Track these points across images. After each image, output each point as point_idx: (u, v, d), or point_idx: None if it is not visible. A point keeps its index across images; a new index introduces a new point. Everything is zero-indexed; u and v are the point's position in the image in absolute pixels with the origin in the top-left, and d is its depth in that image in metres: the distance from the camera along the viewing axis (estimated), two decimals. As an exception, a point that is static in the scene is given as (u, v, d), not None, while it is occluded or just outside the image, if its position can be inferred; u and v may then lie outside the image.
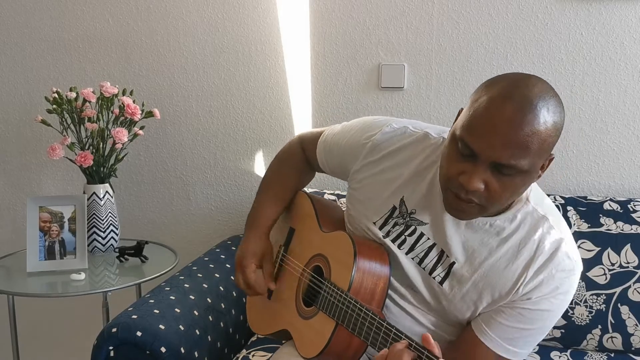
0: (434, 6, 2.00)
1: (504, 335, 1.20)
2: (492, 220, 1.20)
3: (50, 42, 2.26)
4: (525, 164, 1.07)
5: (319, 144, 1.46)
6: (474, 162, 1.09)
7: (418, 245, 1.27)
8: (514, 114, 1.05)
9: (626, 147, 1.96)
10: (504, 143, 1.06)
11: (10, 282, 1.96)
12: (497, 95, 1.08)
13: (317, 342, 1.27)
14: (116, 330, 1.46)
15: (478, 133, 1.08)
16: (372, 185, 1.33)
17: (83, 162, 1.95)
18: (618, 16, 1.90)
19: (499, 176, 1.09)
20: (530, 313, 1.19)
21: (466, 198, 1.12)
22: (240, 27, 2.14)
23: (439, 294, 1.25)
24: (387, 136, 1.33)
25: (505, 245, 1.20)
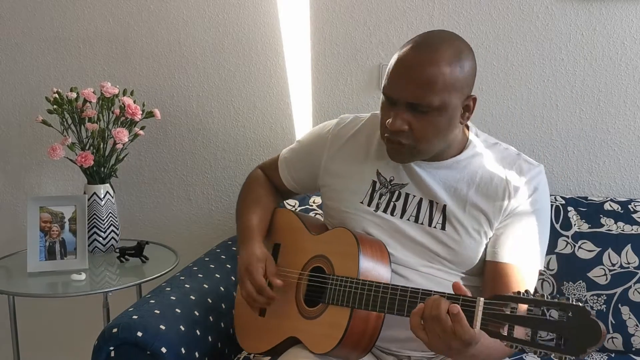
0: (434, 6, 2.00)
1: (516, 246, 1.32)
2: (456, 159, 1.36)
3: (50, 42, 2.26)
4: (435, 100, 1.23)
5: (280, 164, 1.59)
6: (394, 106, 1.27)
7: (408, 205, 1.37)
8: (415, 56, 1.24)
9: (627, 148, 1.96)
10: (410, 82, 1.23)
11: (11, 282, 1.96)
12: (404, 47, 1.27)
13: (333, 334, 1.27)
14: (117, 330, 1.45)
15: (391, 80, 1.26)
16: (346, 172, 1.44)
17: (83, 162, 1.95)
18: (619, 16, 1.90)
19: (417, 115, 1.25)
20: (526, 216, 1.33)
21: (395, 139, 1.28)
22: (241, 27, 2.14)
23: (446, 240, 1.34)
24: (341, 125, 1.49)
25: (478, 173, 1.35)
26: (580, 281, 1.75)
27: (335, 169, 1.46)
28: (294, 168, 1.56)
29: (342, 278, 1.30)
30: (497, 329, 1.02)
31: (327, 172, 1.47)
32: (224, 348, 1.65)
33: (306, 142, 1.56)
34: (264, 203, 1.58)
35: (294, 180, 1.57)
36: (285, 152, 1.59)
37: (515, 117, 2.00)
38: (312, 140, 1.54)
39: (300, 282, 1.41)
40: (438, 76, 1.22)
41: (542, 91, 1.98)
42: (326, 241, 1.41)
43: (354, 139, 1.46)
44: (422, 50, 1.24)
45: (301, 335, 1.37)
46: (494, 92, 1.99)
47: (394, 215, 1.38)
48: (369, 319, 1.27)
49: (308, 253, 1.43)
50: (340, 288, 1.29)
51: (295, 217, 1.54)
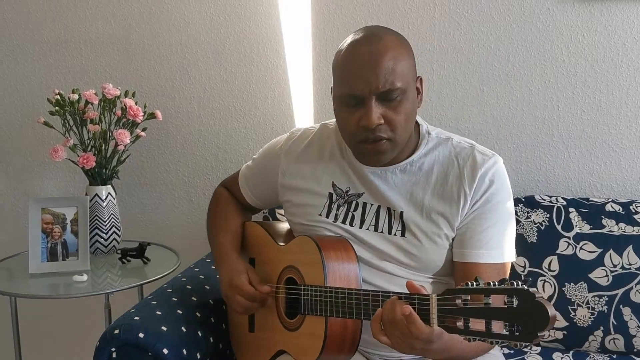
0: (435, 8, 2.00)
1: (482, 243, 1.31)
2: (409, 160, 1.36)
3: (52, 44, 2.26)
4: (400, 83, 1.24)
5: (240, 181, 1.61)
6: (363, 104, 1.25)
7: (367, 214, 1.38)
8: (370, 49, 1.24)
9: (628, 149, 1.96)
10: (376, 72, 1.23)
11: (13, 283, 1.96)
12: (349, 47, 1.27)
13: (314, 345, 1.28)
14: (118, 331, 1.46)
15: (353, 79, 1.24)
16: (303, 186, 1.44)
17: (85, 163, 1.96)
18: (620, 17, 1.90)
19: (388, 104, 1.25)
20: (487, 213, 1.32)
21: (375, 137, 1.26)
22: (242, 28, 2.14)
23: (407, 247, 1.34)
24: (292, 140, 1.51)
25: (433, 174, 1.35)
26: (582, 282, 1.75)
27: (292, 185, 1.47)
28: (253, 186, 1.59)
29: (312, 288, 1.29)
30: (454, 324, 1.00)
31: (285, 189, 1.48)
32: (225, 349, 1.65)
33: (260, 160, 1.58)
34: (232, 219, 1.59)
35: (256, 197, 1.59)
36: (244, 170, 1.62)
37: (517, 118, 2.00)
38: (265, 158, 1.56)
39: (278, 295, 1.42)
40: (396, 61, 1.25)
41: (543, 92, 1.98)
42: (292, 251, 1.42)
43: (306, 153, 1.47)
44: (372, 41, 1.25)
45: (287, 347, 1.38)
46: (495, 93, 2.00)
47: (352, 225, 1.38)
48: (346, 324, 1.27)
49: (279, 265, 1.43)
50: (312, 298, 1.29)
51: (261, 230, 1.55)
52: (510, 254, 1.35)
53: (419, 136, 1.38)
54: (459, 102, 2.02)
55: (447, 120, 2.02)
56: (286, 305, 1.40)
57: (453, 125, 2.01)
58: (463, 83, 2.01)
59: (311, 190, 1.44)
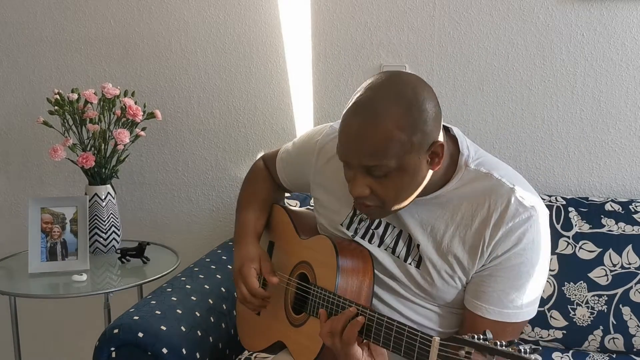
0: (435, 7, 2.00)
1: (497, 301, 1.20)
2: (438, 192, 1.23)
3: (51, 44, 2.26)
4: (391, 162, 1.12)
5: (277, 162, 1.54)
6: (352, 170, 1.17)
7: (387, 235, 1.30)
8: (359, 124, 1.13)
9: (627, 148, 1.96)
10: (360, 150, 1.13)
11: (12, 283, 1.96)
12: (348, 110, 1.16)
13: (312, 347, 1.27)
14: (118, 331, 1.46)
15: (341, 145, 1.17)
16: (332, 189, 1.38)
17: (85, 163, 1.96)
18: (619, 17, 1.90)
19: (376, 178, 1.15)
20: (507, 271, 1.19)
21: (360, 202, 1.19)
22: (242, 28, 2.14)
23: (419, 279, 1.27)
24: (331, 137, 1.38)
25: (460, 212, 1.22)
26: (581, 282, 1.75)
27: (322, 183, 1.41)
28: (288, 170, 1.52)
29: (321, 290, 1.27)
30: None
31: (316, 185, 1.43)
32: (225, 349, 1.65)
33: (298, 147, 1.49)
34: (262, 198, 1.54)
35: (289, 181, 1.54)
36: (283, 152, 1.54)
37: (516, 118, 2.00)
38: (302, 147, 1.48)
39: (288, 288, 1.41)
40: (389, 142, 1.11)
41: (542, 92, 1.98)
42: (310, 247, 1.39)
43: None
44: (365, 115, 1.12)
45: (287, 341, 1.37)
46: (494, 92, 2.00)
47: (371, 243, 1.32)
48: None
49: (295, 257, 1.42)
50: (319, 300, 1.27)
51: (287, 218, 1.51)
52: (528, 313, 1.23)
53: (455, 166, 1.24)
54: (459, 102, 2.02)
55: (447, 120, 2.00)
56: (294, 299, 1.39)
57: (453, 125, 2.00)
58: (463, 83, 2.01)
59: (338, 196, 1.35)
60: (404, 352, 1.09)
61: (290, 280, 1.41)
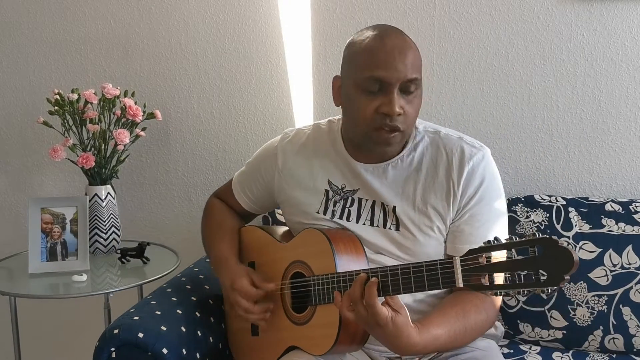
0: (435, 7, 2.00)
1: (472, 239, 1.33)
2: (399, 158, 1.39)
3: (52, 44, 2.26)
4: (419, 76, 1.31)
5: (234, 188, 1.65)
6: (386, 91, 1.27)
7: (362, 210, 1.40)
8: (398, 40, 1.30)
9: (628, 148, 1.96)
10: (404, 62, 1.27)
11: (12, 283, 1.97)
12: (376, 37, 1.30)
13: (328, 333, 1.27)
14: (118, 331, 1.46)
15: (381, 63, 1.27)
16: (300, 186, 1.46)
17: (85, 163, 1.96)
18: (619, 17, 1.90)
19: (407, 97, 1.29)
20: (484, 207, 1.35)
21: (392, 126, 1.28)
22: (242, 28, 2.14)
23: (402, 240, 1.37)
24: (286, 140, 1.53)
25: (423, 168, 1.38)
26: (582, 282, 1.75)
27: (289, 184, 1.49)
28: (249, 189, 1.60)
29: (323, 276, 1.30)
30: (479, 281, 1.05)
31: (282, 189, 1.50)
32: (225, 349, 1.65)
33: (255, 162, 1.59)
34: (227, 226, 1.61)
35: (252, 202, 1.60)
36: (237, 176, 1.65)
37: (516, 118, 2.00)
38: (260, 160, 1.57)
39: (283, 292, 1.42)
40: (416, 55, 1.31)
41: (542, 92, 1.98)
42: (298, 245, 1.42)
43: (301, 151, 1.49)
44: (398, 34, 1.31)
45: (299, 342, 1.37)
46: (494, 92, 1.99)
47: (349, 221, 1.41)
48: None
49: (284, 262, 1.43)
50: (323, 287, 1.30)
51: (261, 232, 1.56)
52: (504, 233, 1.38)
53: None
54: (459, 101, 2.02)
55: (446, 119, 2.02)
56: (292, 300, 1.40)
57: (452, 125, 2.00)
58: (462, 83, 2.01)
59: (308, 188, 1.46)
60: (429, 285, 1.13)
61: (283, 285, 1.41)
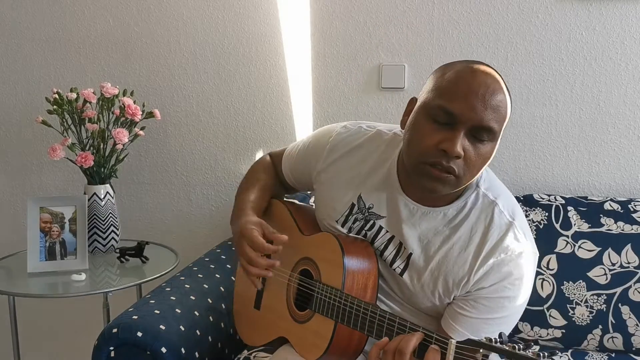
0: (434, 6, 2.00)
1: (471, 328, 1.20)
2: (445, 209, 1.25)
3: (50, 43, 2.26)
4: (497, 128, 1.15)
5: (284, 158, 1.54)
6: (453, 128, 1.13)
7: (378, 238, 1.31)
8: (488, 81, 1.15)
9: (627, 147, 1.96)
10: (483, 105, 1.12)
11: (11, 282, 1.96)
12: (464, 69, 1.16)
13: (318, 344, 1.27)
14: (117, 330, 1.46)
15: (457, 97, 1.13)
16: (333, 186, 1.38)
17: (84, 162, 1.95)
18: (618, 16, 1.90)
19: (474, 143, 1.15)
20: (489, 302, 1.20)
21: (447, 167, 1.14)
22: (241, 27, 2.14)
23: (401, 285, 1.29)
24: (343, 136, 1.39)
25: (458, 233, 1.23)
26: (580, 281, 1.75)
27: (325, 180, 1.41)
28: (294, 166, 1.52)
29: (327, 288, 1.28)
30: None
31: (318, 181, 1.44)
32: (223, 348, 1.65)
33: (308, 146, 1.48)
34: (263, 185, 1.53)
35: (294, 178, 1.54)
36: (290, 149, 1.54)
37: (515, 117, 2.00)
38: (312, 145, 1.47)
39: (290, 284, 1.41)
40: (503, 105, 1.15)
41: (541, 91, 1.98)
42: (314, 244, 1.38)
43: (349, 154, 1.38)
44: (491, 76, 1.16)
45: (291, 337, 1.37)
46: (493, 92, 1.99)
47: None
48: (353, 334, 1.25)
49: (297, 254, 1.41)
50: (325, 299, 1.27)
51: (287, 213, 1.50)
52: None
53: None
54: (458, 101, 2.02)
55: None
56: (296, 295, 1.39)
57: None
58: (462, 82, 2.01)
59: (338, 194, 1.37)
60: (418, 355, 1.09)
61: (292, 276, 1.40)
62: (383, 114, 2.07)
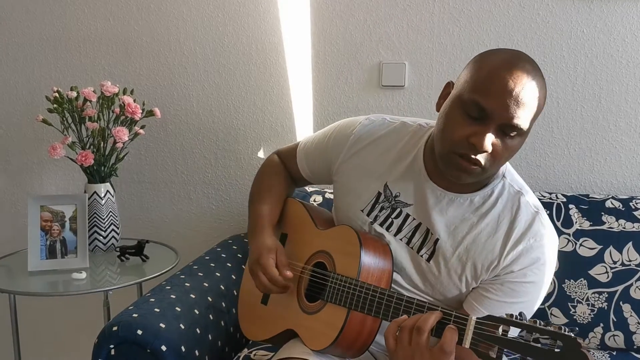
0: (434, 4, 1.99)
1: (495, 310, 1.21)
2: (472, 196, 1.28)
3: (51, 42, 2.26)
4: (527, 125, 1.17)
5: (299, 153, 1.54)
6: (484, 123, 1.15)
7: (405, 226, 1.33)
8: (523, 78, 1.14)
9: (628, 145, 1.96)
10: (517, 103, 1.14)
11: (12, 281, 1.96)
12: (502, 62, 1.16)
13: (328, 333, 1.27)
14: (117, 328, 1.45)
15: (491, 94, 1.14)
16: (357, 176, 1.40)
17: (84, 161, 1.95)
18: (619, 13, 1.90)
19: (503, 138, 1.17)
20: (516, 286, 1.24)
21: (474, 159, 1.17)
22: (241, 25, 2.14)
23: (427, 272, 1.30)
24: (367, 128, 1.41)
25: (485, 220, 1.27)
26: (582, 279, 1.75)
27: (348, 171, 1.42)
28: (312, 159, 1.52)
29: (342, 277, 1.29)
30: (487, 351, 1.00)
31: (340, 171, 1.44)
32: (224, 346, 1.65)
33: (327, 137, 1.48)
34: (276, 192, 1.56)
35: (311, 171, 1.54)
36: (305, 143, 1.55)
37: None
38: (333, 136, 1.47)
39: (302, 276, 1.41)
40: (537, 100, 1.17)
41: (542, 89, 1.97)
42: (331, 237, 1.40)
43: (374, 144, 1.40)
44: (528, 72, 1.16)
45: (299, 329, 1.37)
46: (494, 89, 1.99)
47: (389, 231, 1.35)
48: (365, 322, 1.26)
49: (312, 247, 1.42)
50: (339, 287, 1.29)
51: (303, 209, 1.52)
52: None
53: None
54: (459, 98, 2.01)
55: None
56: (308, 288, 1.39)
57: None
58: (462, 80, 2.01)
59: (363, 183, 1.39)
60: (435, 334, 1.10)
61: (305, 269, 1.41)
62: (383, 112, 2.07)
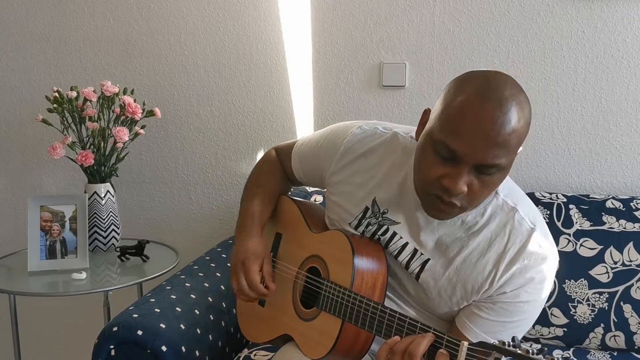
0: (435, 4, 1.99)
1: (487, 329, 1.20)
2: (464, 216, 1.21)
3: (51, 42, 2.26)
4: (505, 162, 1.09)
5: (293, 154, 1.49)
6: (456, 164, 1.09)
7: (392, 244, 1.29)
8: (494, 116, 1.05)
9: (628, 145, 1.96)
10: (488, 145, 1.06)
11: (12, 281, 1.96)
12: (473, 96, 1.07)
13: (324, 343, 1.26)
14: (117, 329, 1.45)
15: (461, 136, 1.07)
16: (346, 189, 1.35)
17: (84, 161, 1.95)
18: (620, 13, 1.89)
19: (480, 176, 1.10)
20: (509, 306, 1.19)
21: (449, 201, 1.12)
22: (242, 26, 2.14)
23: (416, 290, 1.28)
24: (358, 138, 1.35)
25: (477, 239, 1.21)
26: (582, 279, 1.75)
27: (337, 183, 1.38)
28: (305, 163, 1.49)
29: (335, 287, 1.27)
30: None
31: (330, 182, 1.41)
32: (224, 347, 1.65)
33: (320, 144, 1.43)
34: (270, 189, 1.52)
35: (304, 174, 1.51)
36: (300, 145, 1.50)
37: (517, 115, 1.99)
38: (325, 144, 1.42)
39: (297, 281, 1.40)
40: (513, 137, 1.07)
41: (543, 89, 1.97)
42: (324, 242, 1.38)
43: (363, 157, 1.34)
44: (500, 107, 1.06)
45: (295, 335, 1.36)
46: (495, 90, 1.99)
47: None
48: (359, 334, 1.25)
49: (306, 251, 1.41)
50: (333, 297, 1.27)
51: (296, 209, 1.49)
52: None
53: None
54: (459, 99, 2.01)
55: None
56: (303, 292, 1.38)
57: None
58: (463, 80, 2.01)
59: (351, 196, 1.34)
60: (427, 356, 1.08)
61: (299, 274, 1.40)
62: (384, 112, 2.07)
